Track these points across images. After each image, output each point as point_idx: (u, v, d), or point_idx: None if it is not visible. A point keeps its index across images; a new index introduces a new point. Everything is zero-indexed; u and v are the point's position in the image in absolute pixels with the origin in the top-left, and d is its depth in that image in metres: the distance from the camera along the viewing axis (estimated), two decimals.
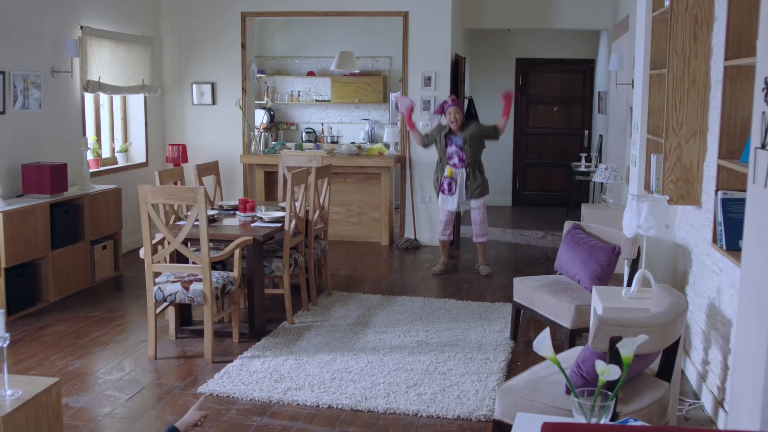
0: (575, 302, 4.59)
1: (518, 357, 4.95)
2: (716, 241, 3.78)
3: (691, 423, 4.01)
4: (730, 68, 3.64)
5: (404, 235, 8.58)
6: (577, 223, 5.20)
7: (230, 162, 8.65)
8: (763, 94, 2.60)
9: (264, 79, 11.52)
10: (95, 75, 7.13)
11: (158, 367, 4.73)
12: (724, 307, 3.94)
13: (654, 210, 3.87)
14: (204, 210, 4.64)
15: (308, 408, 4.11)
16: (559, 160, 11.66)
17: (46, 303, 5.99)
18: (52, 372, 4.59)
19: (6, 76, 6.00)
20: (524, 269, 7.38)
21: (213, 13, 8.59)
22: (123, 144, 8.15)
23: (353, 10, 8.44)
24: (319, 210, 5.98)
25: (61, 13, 6.76)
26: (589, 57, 11.49)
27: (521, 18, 9.76)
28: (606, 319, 2.93)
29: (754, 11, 3.47)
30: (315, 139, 11.18)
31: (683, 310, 3.15)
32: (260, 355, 4.88)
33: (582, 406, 2.22)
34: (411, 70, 8.40)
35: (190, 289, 4.75)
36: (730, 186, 3.77)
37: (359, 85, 11.24)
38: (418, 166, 8.47)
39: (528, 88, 11.74)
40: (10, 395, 2.92)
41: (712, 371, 4.10)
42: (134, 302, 6.12)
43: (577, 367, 3.05)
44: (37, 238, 5.83)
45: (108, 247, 6.85)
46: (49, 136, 6.62)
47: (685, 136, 4.49)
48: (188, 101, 8.74)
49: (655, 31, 5.14)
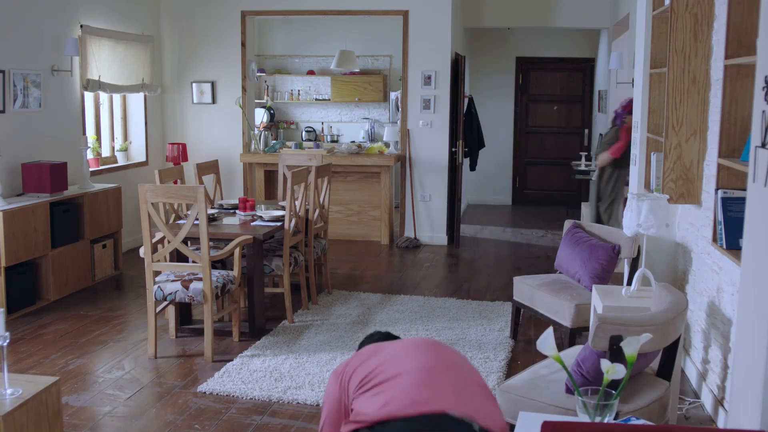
0: (575, 301, 4.59)
1: (518, 356, 4.95)
2: (716, 239, 3.78)
3: (691, 422, 4.01)
4: (730, 67, 3.64)
5: (404, 234, 8.58)
6: (577, 222, 5.20)
7: (230, 161, 8.65)
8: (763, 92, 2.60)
9: (264, 77, 11.51)
10: (95, 74, 7.12)
11: (158, 366, 4.73)
12: (724, 305, 3.94)
13: (654, 209, 3.87)
14: (204, 209, 4.64)
15: (308, 407, 4.11)
16: (559, 159, 11.66)
17: (46, 302, 5.99)
18: (52, 371, 4.59)
19: (6, 75, 6.00)
20: (524, 268, 7.38)
21: (213, 12, 8.59)
22: (123, 143, 8.14)
23: (353, 9, 8.44)
24: (319, 209, 5.98)
25: (61, 11, 6.76)
26: (589, 56, 11.49)
27: (521, 17, 9.76)
28: (606, 317, 2.93)
29: (754, 10, 3.47)
30: (315, 137, 11.18)
31: (683, 309, 3.15)
32: (260, 353, 4.88)
33: (586, 404, 2.22)
34: (411, 69, 8.40)
35: (190, 288, 4.75)
36: (730, 185, 3.77)
37: (359, 84, 11.24)
38: (418, 165, 8.47)
39: (528, 87, 11.74)
40: (10, 394, 2.92)
41: (712, 370, 4.10)
42: (134, 301, 6.12)
43: (577, 366, 3.05)
44: (37, 236, 5.83)
45: (108, 246, 6.85)
46: (49, 135, 6.62)
47: (685, 134, 4.48)
48: (188, 100, 8.74)
49: (656, 29, 5.14)
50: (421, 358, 2.34)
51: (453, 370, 2.34)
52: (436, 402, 2.16)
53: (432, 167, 8.45)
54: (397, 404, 2.17)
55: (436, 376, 2.27)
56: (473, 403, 2.22)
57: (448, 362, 2.37)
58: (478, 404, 2.23)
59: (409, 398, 2.17)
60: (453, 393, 2.21)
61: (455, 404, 2.17)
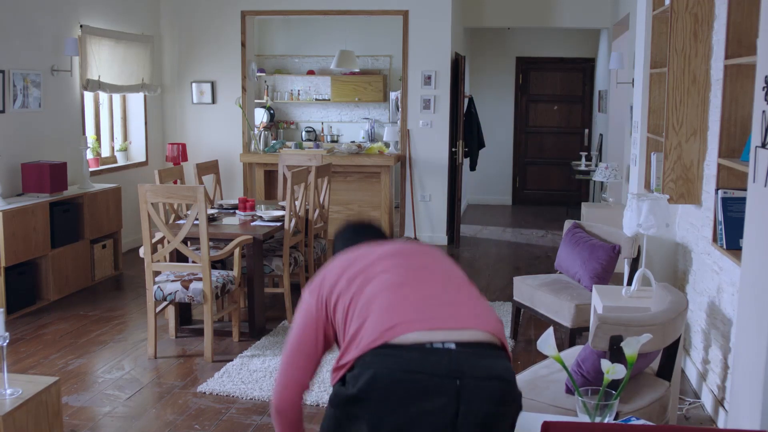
0: (575, 301, 4.59)
1: (518, 356, 4.94)
2: (716, 240, 3.77)
3: (691, 422, 4.01)
4: (730, 67, 3.64)
5: (404, 234, 8.57)
6: (578, 222, 5.20)
7: (230, 161, 8.64)
8: (763, 92, 2.60)
9: (264, 77, 11.51)
10: (95, 74, 7.12)
11: (158, 366, 4.73)
12: (724, 306, 3.94)
13: (654, 209, 3.87)
14: (204, 209, 4.64)
15: (308, 407, 4.11)
16: (559, 159, 11.66)
17: (45, 302, 5.99)
18: (52, 371, 4.59)
19: (5, 75, 6.00)
20: (524, 268, 7.37)
21: (213, 12, 8.58)
22: (123, 143, 8.14)
23: (353, 9, 8.44)
24: (319, 209, 5.98)
25: (61, 11, 6.75)
26: (589, 56, 11.49)
27: (521, 17, 9.76)
28: (606, 318, 2.93)
29: (754, 10, 3.46)
30: (315, 137, 11.17)
31: (683, 309, 3.15)
32: (260, 354, 4.88)
33: (586, 405, 2.22)
34: (411, 69, 8.39)
35: (189, 288, 4.75)
36: (730, 185, 3.76)
37: (359, 84, 11.24)
38: (418, 165, 8.47)
39: (528, 87, 11.74)
40: (10, 394, 2.92)
41: (712, 370, 4.10)
42: (134, 301, 6.12)
43: (577, 366, 3.05)
44: (36, 237, 5.83)
45: (108, 246, 6.85)
46: (49, 135, 6.61)
47: (686, 134, 4.48)
48: (188, 100, 8.74)
49: (656, 29, 5.14)
50: (395, 275, 2.16)
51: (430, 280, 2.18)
52: (405, 325, 2.01)
53: (432, 167, 8.45)
54: (369, 338, 2.02)
55: (412, 291, 2.12)
56: (458, 313, 2.09)
57: (424, 270, 2.21)
58: (462, 310, 2.10)
59: (383, 327, 2.02)
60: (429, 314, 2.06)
61: (433, 321, 2.03)
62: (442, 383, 1.93)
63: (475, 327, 2.05)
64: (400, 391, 1.94)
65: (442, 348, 1.97)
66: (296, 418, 2.31)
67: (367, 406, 1.97)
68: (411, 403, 1.93)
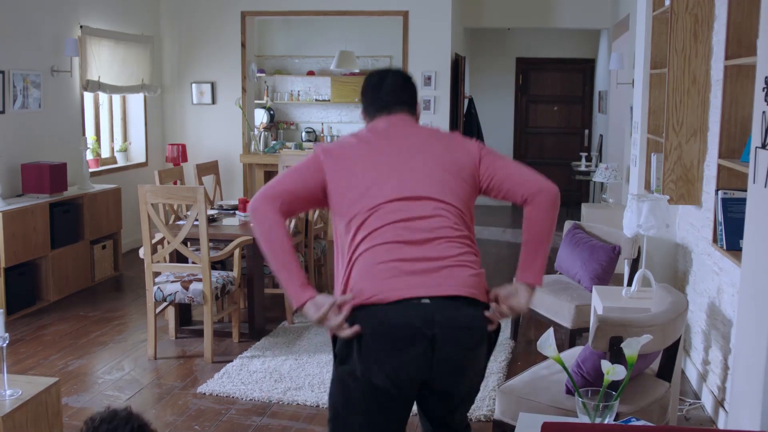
0: (575, 302, 4.59)
1: (518, 357, 4.94)
2: (716, 240, 3.77)
3: (691, 423, 4.01)
4: (730, 67, 3.64)
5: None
6: (578, 223, 5.20)
7: (230, 161, 8.64)
8: (763, 93, 2.60)
9: (264, 78, 11.51)
10: (95, 74, 7.12)
11: (158, 367, 4.73)
12: (724, 306, 3.94)
13: (654, 209, 3.87)
14: (204, 209, 4.63)
15: (308, 408, 4.11)
16: (559, 160, 11.65)
17: (45, 303, 5.99)
18: (52, 372, 4.58)
19: (5, 76, 6.00)
20: None
21: (213, 13, 8.58)
22: (122, 143, 8.14)
23: (353, 10, 8.44)
24: (318, 210, 5.98)
25: (61, 12, 6.75)
26: (589, 56, 11.49)
27: (521, 17, 9.75)
28: (606, 318, 2.93)
29: (754, 10, 3.46)
30: (315, 138, 11.17)
31: (683, 310, 3.15)
32: (260, 354, 4.88)
33: (586, 405, 2.22)
34: (411, 70, 8.39)
35: (189, 289, 4.75)
36: (730, 185, 3.76)
37: (359, 85, 11.12)
38: None
39: (528, 88, 11.74)
40: (10, 395, 2.92)
41: (712, 371, 4.10)
42: (134, 302, 6.12)
43: (577, 367, 3.05)
44: (36, 237, 5.83)
45: (108, 246, 6.84)
46: (49, 135, 6.61)
47: (686, 135, 4.48)
48: (188, 101, 8.73)
49: (656, 30, 5.14)
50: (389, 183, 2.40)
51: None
52: (386, 293, 2.26)
53: None
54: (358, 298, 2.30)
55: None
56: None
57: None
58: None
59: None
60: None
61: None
62: (420, 332, 2.22)
63: (448, 289, 2.29)
64: (384, 342, 2.23)
65: (419, 303, 2.24)
66: (277, 224, 2.49)
67: (358, 355, 2.26)
68: (395, 351, 2.23)
